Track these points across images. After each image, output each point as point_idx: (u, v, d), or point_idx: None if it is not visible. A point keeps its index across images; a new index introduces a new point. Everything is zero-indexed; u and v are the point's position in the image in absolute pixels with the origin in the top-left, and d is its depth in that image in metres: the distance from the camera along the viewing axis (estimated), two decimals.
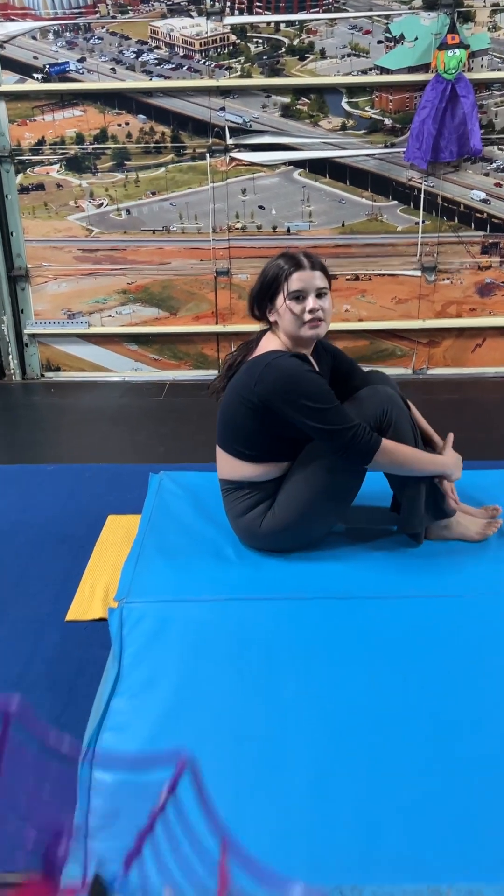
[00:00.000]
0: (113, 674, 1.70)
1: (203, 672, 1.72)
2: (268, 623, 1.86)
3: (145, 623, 1.85)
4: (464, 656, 1.76)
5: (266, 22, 3.70)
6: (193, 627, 1.85)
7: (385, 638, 1.81)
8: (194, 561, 2.10)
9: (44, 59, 3.80)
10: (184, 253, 4.11)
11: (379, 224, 4.01)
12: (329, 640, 1.80)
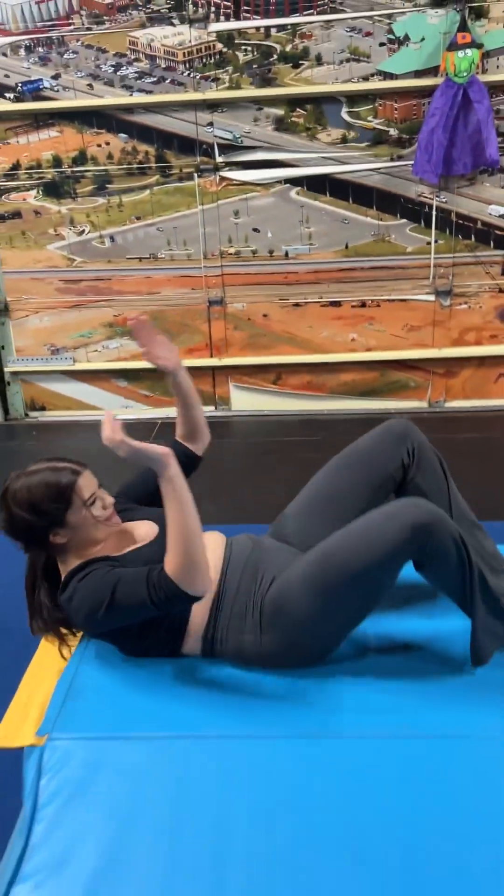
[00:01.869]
0: (19, 848, 1.35)
1: (133, 846, 1.35)
2: (222, 770, 1.48)
3: (70, 769, 1.49)
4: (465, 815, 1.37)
5: (255, 27, 3.36)
6: (129, 775, 1.47)
7: (366, 789, 1.43)
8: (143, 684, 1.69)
9: (15, 77, 3.52)
10: (174, 282, 3.79)
11: (386, 245, 3.64)
12: (300, 799, 1.42)
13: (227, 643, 1.70)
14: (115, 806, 1.43)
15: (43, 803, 1.43)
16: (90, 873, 1.31)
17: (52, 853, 1.35)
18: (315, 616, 1.65)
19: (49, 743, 1.55)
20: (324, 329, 3.82)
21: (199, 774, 1.47)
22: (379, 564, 1.63)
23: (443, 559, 1.63)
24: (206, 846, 1.36)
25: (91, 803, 1.43)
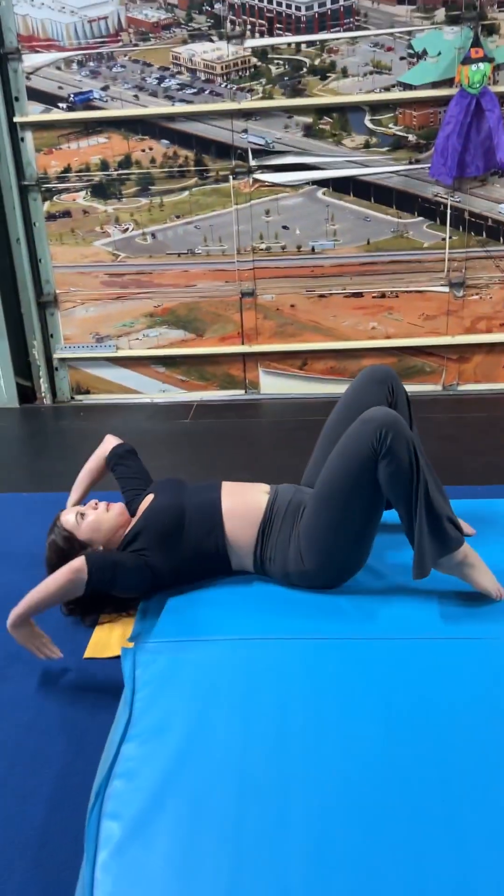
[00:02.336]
0: (124, 718, 1.70)
1: (214, 719, 1.70)
2: (281, 664, 1.83)
3: (157, 664, 1.84)
4: (489, 705, 1.70)
5: (287, 43, 3.69)
6: (206, 669, 1.83)
7: (403, 681, 1.77)
8: (209, 599, 2.08)
9: (68, 89, 3.85)
10: (209, 275, 4.12)
11: (405, 241, 3.96)
12: (343, 683, 1.77)
13: (276, 562, 2.09)
14: (196, 690, 1.78)
15: (139, 688, 1.78)
16: (181, 737, 1.66)
17: (150, 722, 1.70)
18: (332, 534, 2.02)
19: (139, 645, 1.91)
20: (346, 318, 4.14)
21: (262, 667, 1.83)
22: (360, 465, 1.96)
23: (398, 456, 1.92)
24: (271, 721, 1.70)
25: (177, 688, 1.78)
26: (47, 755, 1.77)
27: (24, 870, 1.50)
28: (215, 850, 1.43)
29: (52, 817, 1.61)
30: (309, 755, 1.61)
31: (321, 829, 1.45)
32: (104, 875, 1.39)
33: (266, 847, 1.43)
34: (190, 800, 1.52)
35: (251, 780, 1.56)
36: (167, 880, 1.38)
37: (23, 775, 1.72)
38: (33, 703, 1.94)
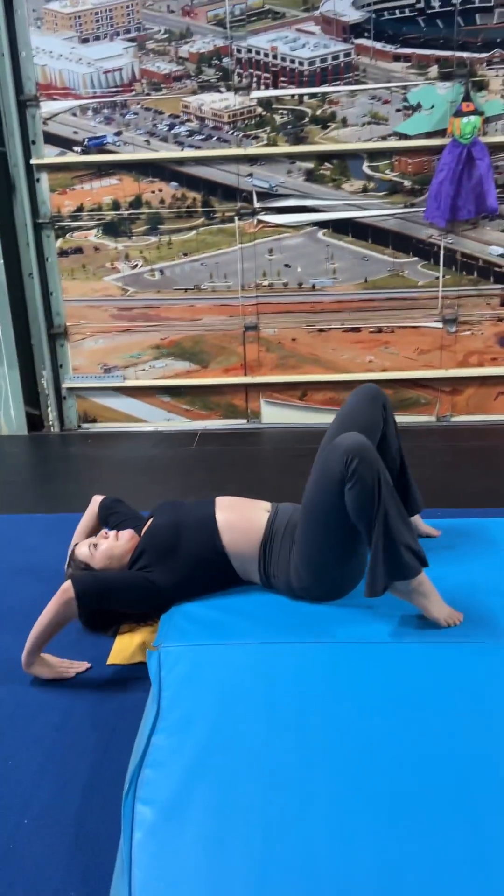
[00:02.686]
0: (153, 713, 1.81)
1: (236, 714, 1.81)
2: (299, 667, 1.95)
3: (182, 666, 1.96)
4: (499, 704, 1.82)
5: (290, 95, 3.94)
6: (227, 670, 1.95)
7: (416, 681, 1.90)
8: (228, 606, 2.21)
9: (83, 134, 4.08)
10: (214, 310, 4.31)
11: (400, 279, 4.18)
12: (359, 683, 1.89)
13: (279, 579, 2.23)
14: (219, 689, 1.90)
15: (165, 686, 1.90)
16: (206, 730, 1.77)
17: (177, 717, 1.81)
18: (318, 552, 2.15)
19: (163, 649, 2.03)
20: (345, 352, 4.34)
21: (281, 668, 1.95)
22: (332, 487, 2.05)
23: (362, 482, 1.99)
24: (291, 716, 1.81)
25: (201, 687, 1.90)
26: (79, 750, 1.88)
27: (64, 851, 1.61)
28: (244, 830, 1.53)
29: (87, 804, 1.72)
30: (328, 746, 1.72)
31: (343, 811, 1.56)
32: (140, 853, 1.49)
33: (292, 828, 1.53)
34: (217, 786, 1.63)
35: (274, 768, 1.67)
36: (199, 858, 1.48)
37: (58, 767, 1.83)
38: (62, 705, 2.05)
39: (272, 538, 2.24)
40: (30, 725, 1.97)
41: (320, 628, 2.10)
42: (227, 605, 2.23)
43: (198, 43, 3.89)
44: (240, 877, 1.45)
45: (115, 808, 1.69)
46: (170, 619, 2.18)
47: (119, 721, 1.98)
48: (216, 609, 2.21)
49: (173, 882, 1.44)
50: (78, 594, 2.10)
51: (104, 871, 1.55)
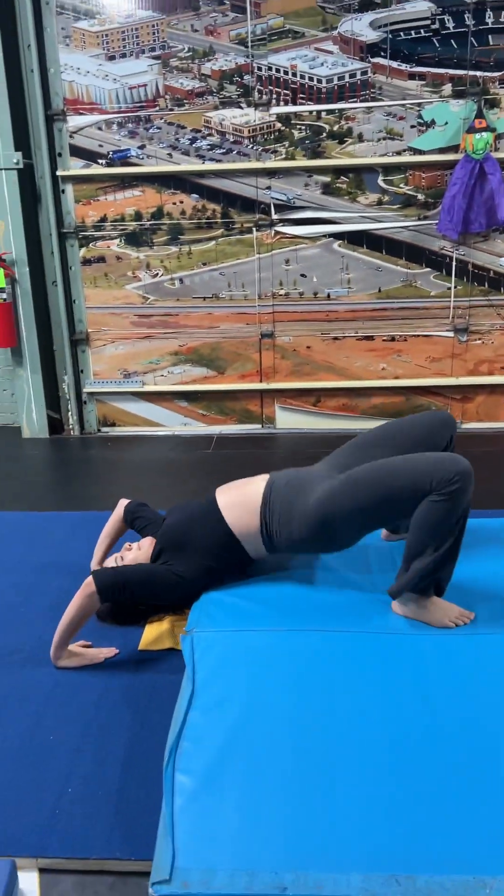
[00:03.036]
0: (188, 691, 1.91)
1: (266, 695, 1.91)
2: (325, 652, 2.05)
3: (214, 650, 2.06)
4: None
5: (308, 111, 4.08)
6: (257, 655, 2.05)
7: (439, 670, 1.99)
8: (256, 595, 2.32)
9: (108, 147, 4.22)
10: (231, 318, 4.44)
11: (413, 289, 4.30)
12: (385, 670, 1.99)
13: (282, 535, 2.28)
14: (251, 671, 1.99)
15: (199, 668, 2.00)
16: (240, 709, 1.86)
17: (211, 696, 1.91)
18: (349, 515, 2.21)
19: (196, 634, 2.14)
20: (358, 359, 4.46)
21: (308, 654, 2.05)
22: (414, 484, 2.12)
23: (453, 507, 2.08)
24: (319, 698, 1.90)
25: (233, 669, 2.00)
26: (116, 727, 1.98)
27: (106, 816, 1.71)
28: (277, 798, 1.63)
29: (126, 775, 1.82)
30: (353, 725, 1.82)
31: (367, 781, 1.66)
32: (182, 817, 1.59)
33: (321, 796, 1.63)
34: (251, 758, 1.73)
35: (303, 744, 1.76)
36: (236, 822, 1.58)
37: (97, 742, 1.93)
38: (98, 686, 2.15)
39: (270, 500, 2.31)
40: (68, 704, 2.07)
41: (347, 618, 2.20)
42: (255, 594, 2.33)
43: (220, 61, 4.04)
44: (274, 839, 1.55)
45: (152, 778, 1.80)
46: (200, 606, 2.29)
47: (151, 701, 2.08)
48: (245, 598, 2.31)
49: (213, 843, 1.54)
50: (99, 588, 2.20)
51: (144, 833, 1.65)
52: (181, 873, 1.46)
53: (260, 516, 2.31)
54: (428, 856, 1.52)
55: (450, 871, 1.49)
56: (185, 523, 2.40)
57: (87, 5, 4.04)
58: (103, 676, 2.19)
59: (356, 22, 3.94)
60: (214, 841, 1.55)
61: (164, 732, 1.94)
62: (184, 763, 1.72)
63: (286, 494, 2.30)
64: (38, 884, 1.59)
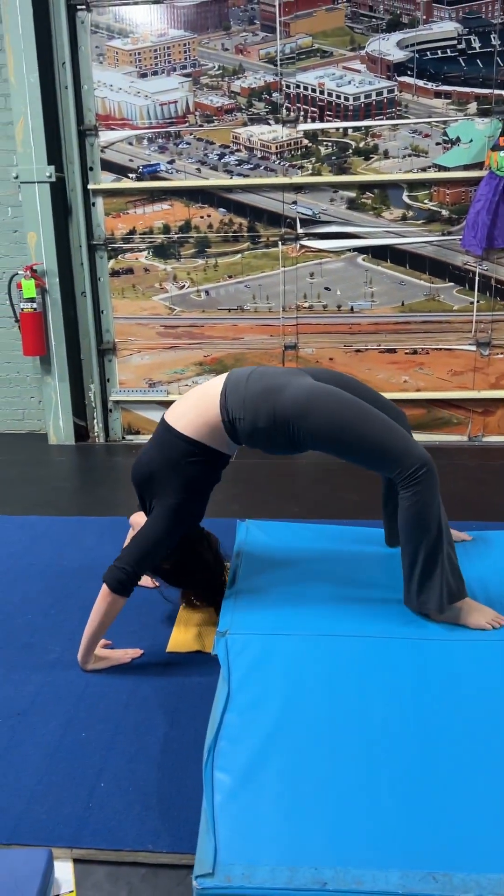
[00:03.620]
0: (224, 693, 1.96)
1: (302, 695, 1.96)
2: (358, 657, 2.10)
3: (248, 652, 2.11)
4: None
5: (335, 128, 4.16)
6: (291, 658, 2.10)
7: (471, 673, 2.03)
8: (286, 600, 2.37)
9: (138, 161, 4.32)
10: (255, 329, 4.51)
11: (436, 303, 4.36)
12: (419, 677, 2.03)
13: (246, 421, 2.25)
14: (285, 675, 2.03)
15: (233, 670, 2.04)
16: (275, 710, 1.89)
17: (247, 698, 1.94)
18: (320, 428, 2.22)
19: (230, 636, 2.19)
20: (380, 371, 4.52)
21: (341, 658, 2.09)
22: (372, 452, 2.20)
23: (423, 497, 2.18)
24: (354, 701, 1.94)
25: (268, 672, 2.04)
26: (146, 726, 2.04)
27: (137, 811, 1.76)
28: (316, 796, 1.66)
29: (156, 772, 1.87)
30: (389, 727, 1.85)
31: (406, 782, 1.69)
32: (222, 814, 1.62)
33: (360, 795, 1.66)
34: (288, 757, 1.77)
35: (340, 744, 1.80)
36: (277, 819, 1.62)
37: (128, 740, 1.99)
38: (128, 687, 2.21)
39: (230, 389, 2.27)
40: (99, 704, 2.13)
41: (378, 624, 2.25)
42: (287, 598, 2.38)
43: (249, 78, 4.13)
44: (314, 835, 1.58)
45: (182, 775, 1.85)
46: (232, 607, 2.34)
47: (181, 702, 2.13)
48: (277, 603, 2.37)
49: (254, 839, 1.57)
50: (114, 588, 2.25)
51: (174, 827, 1.71)
52: (224, 868, 1.50)
53: (220, 407, 2.28)
54: (464, 854, 1.55)
55: (486, 870, 1.52)
56: (144, 458, 2.41)
57: (121, 24, 4.15)
58: (133, 678, 2.25)
59: (384, 42, 4.02)
60: (255, 837, 1.58)
61: (194, 732, 2.00)
62: (222, 762, 1.75)
63: (253, 382, 2.27)
64: (73, 873, 1.65)
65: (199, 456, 2.30)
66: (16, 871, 1.53)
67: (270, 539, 2.83)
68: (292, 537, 2.87)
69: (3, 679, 2.27)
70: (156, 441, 2.39)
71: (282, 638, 2.19)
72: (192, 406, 2.33)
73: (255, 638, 2.18)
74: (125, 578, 2.24)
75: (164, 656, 2.36)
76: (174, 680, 2.24)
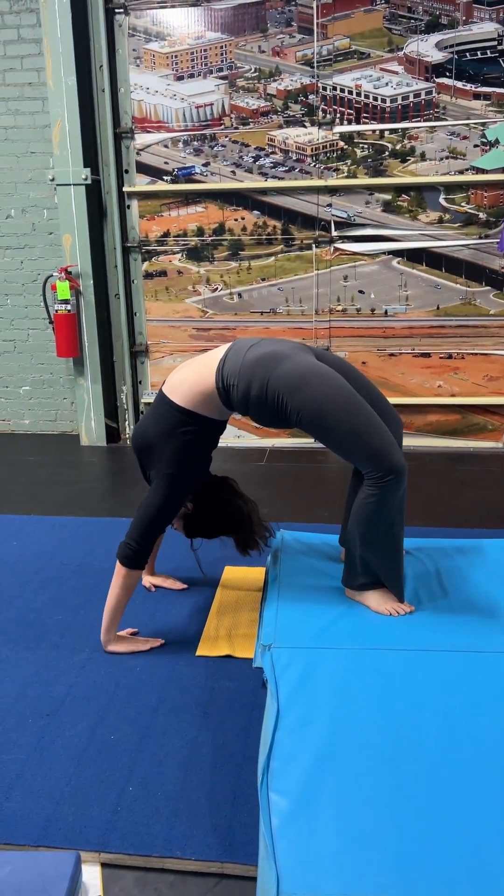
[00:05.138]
0: (273, 711, 1.92)
1: (352, 713, 1.91)
2: (407, 671, 2.06)
3: (294, 667, 2.08)
4: None
5: (372, 130, 4.12)
6: (338, 673, 2.06)
7: None
8: (329, 611, 2.35)
9: (173, 164, 4.33)
10: (288, 332, 4.49)
11: (472, 307, 4.29)
12: (473, 691, 1.98)
13: (238, 388, 2.25)
14: (334, 690, 2.00)
15: (281, 685, 2.01)
16: (326, 728, 1.85)
17: (296, 716, 1.90)
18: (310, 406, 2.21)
19: (275, 650, 2.16)
20: (414, 376, 4.46)
21: (390, 672, 2.05)
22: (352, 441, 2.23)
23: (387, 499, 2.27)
24: (407, 717, 1.89)
25: (316, 686, 2.00)
26: (174, 730, 2.02)
27: (166, 816, 1.74)
28: (376, 820, 1.60)
29: (184, 777, 1.85)
30: (446, 747, 1.79)
31: (470, 805, 1.63)
32: (281, 839, 1.56)
33: (422, 819, 1.60)
34: (344, 778, 1.71)
35: (397, 764, 1.74)
36: (337, 844, 1.55)
37: (156, 744, 1.97)
38: (157, 690, 2.19)
39: (229, 356, 2.30)
40: (128, 706, 2.12)
41: (422, 637, 2.21)
42: (328, 612, 2.36)
43: (285, 80, 4.12)
44: (377, 861, 1.51)
45: (210, 781, 1.83)
46: (274, 619, 2.32)
47: (210, 707, 2.11)
48: (319, 615, 2.34)
49: (316, 867, 1.50)
50: (125, 563, 2.31)
51: (203, 834, 1.68)
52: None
53: (217, 372, 2.28)
54: None
55: None
56: (140, 428, 2.43)
57: (159, 27, 4.16)
58: (162, 681, 2.24)
59: (422, 43, 3.98)
60: (316, 864, 1.51)
61: (223, 737, 1.98)
62: (276, 783, 1.71)
63: (254, 349, 2.28)
64: (101, 877, 1.63)
65: (192, 425, 2.30)
66: (44, 873, 1.52)
67: (307, 548, 2.81)
68: (329, 547, 2.84)
69: (32, 679, 2.27)
70: (153, 411, 2.41)
71: (328, 651, 2.15)
72: (190, 375, 2.34)
73: (300, 652, 2.15)
74: (133, 553, 2.31)
75: (194, 660, 2.34)
76: (203, 684, 2.22)
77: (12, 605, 2.72)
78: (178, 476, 2.32)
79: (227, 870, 1.62)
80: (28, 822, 1.73)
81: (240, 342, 2.37)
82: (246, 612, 2.57)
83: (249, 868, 1.61)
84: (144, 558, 2.33)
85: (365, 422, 2.24)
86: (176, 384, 2.35)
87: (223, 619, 2.53)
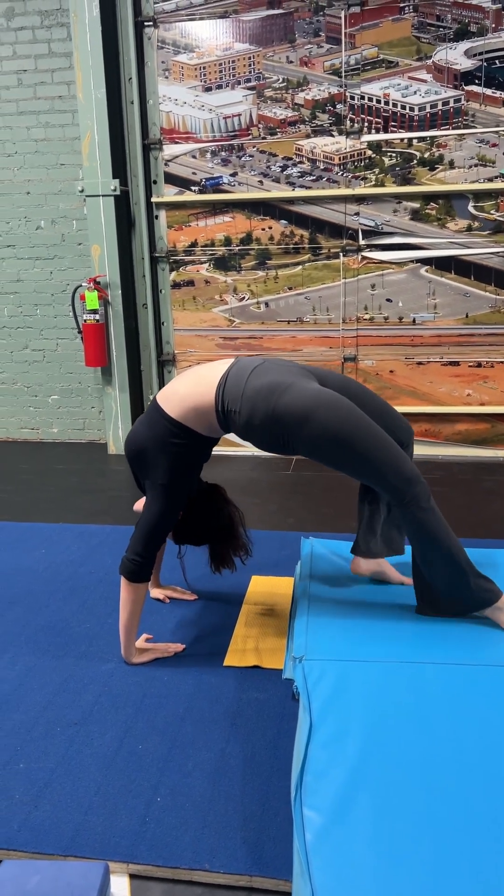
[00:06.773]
0: (306, 725, 1.89)
1: (385, 727, 1.88)
2: (441, 684, 2.02)
3: (326, 680, 2.06)
4: None
5: (400, 138, 4.11)
6: (371, 686, 2.03)
7: None
8: (361, 624, 2.32)
9: (201, 174, 4.35)
10: (315, 341, 4.48)
11: (502, 315, 4.25)
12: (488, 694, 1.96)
13: (240, 415, 2.20)
14: (367, 701, 1.97)
15: (313, 698, 1.98)
16: (360, 742, 1.82)
17: (330, 730, 1.87)
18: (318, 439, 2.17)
19: (307, 662, 2.14)
20: (443, 384, 4.43)
21: (423, 685, 2.02)
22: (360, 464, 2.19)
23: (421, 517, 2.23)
24: (443, 732, 1.85)
25: (349, 701, 1.97)
26: (202, 740, 2.01)
27: (194, 828, 1.73)
28: (413, 837, 1.57)
29: (213, 788, 1.84)
30: (485, 762, 1.75)
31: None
32: (315, 855, 1.53)
33: (461, 836, 1.56)
34: (379, 793, 1.68)
35: (434, 780, 1.71)
36: (373, 861, 1.52)
37: (184, 754, 1.96)
38: (184, 700, 2.19)
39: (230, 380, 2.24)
40: (156, 716, 2.12)
41: (457, 651, 2.17)
42: (359, 624, 2.33)
43: (313, 90, 4.13)
44: (415, 881, 1.48)
45: (240, 794, 1.82)
46: (305, 630, 2.29)
47: (237, 717, 2.10)
48: (350, 628, 2.31)
49: (352, 885, 1.48)
50: (129, 578, 2.31)
51: (232, 847, 1.67)
52: None
53: (216, 396, 2.22)
54: None
55: None
56: (132, 434, 2.40)
57: (187, 39, 4.20)
58: (190, 691, 2.23)
59: (451, 51, 3.96)
60: (352, 881, 1.48)
61: (251, 749, 1.97)
62: (310, 799, 1.68)
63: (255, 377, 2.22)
64: (129, 888, 1.63)
65: (182, 438, 2.28)
66: (73, 883, 1.52)
67: (336, 557, 2.78)
68: None
69: (60, 688, 2.27)
70: (145, 418, 2.38)
71: (361, 664, 2.12)
72: (186, 388, 2.30)
73: (332, 664, 2.12)
74: (136, 567, 2.31)
75: (221, 671, 2.33)
76: (231, 695, 2.21)
77: (41, 614, 2.73)
78: (172, 487, 2.32)
79: (257, 884, 1.61)
80: (56, 831, 1.73)
81: (242, 362, 2.32)
82: (274, 622, 2.56)
83: (279, 882, 1.60)
84: (148, 571, 2.32)
85: (374, 445, 2.19)
86: (170, 395, 2.32)
87: (251, 629, 2.52)
